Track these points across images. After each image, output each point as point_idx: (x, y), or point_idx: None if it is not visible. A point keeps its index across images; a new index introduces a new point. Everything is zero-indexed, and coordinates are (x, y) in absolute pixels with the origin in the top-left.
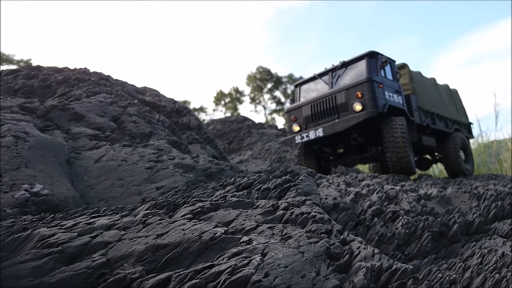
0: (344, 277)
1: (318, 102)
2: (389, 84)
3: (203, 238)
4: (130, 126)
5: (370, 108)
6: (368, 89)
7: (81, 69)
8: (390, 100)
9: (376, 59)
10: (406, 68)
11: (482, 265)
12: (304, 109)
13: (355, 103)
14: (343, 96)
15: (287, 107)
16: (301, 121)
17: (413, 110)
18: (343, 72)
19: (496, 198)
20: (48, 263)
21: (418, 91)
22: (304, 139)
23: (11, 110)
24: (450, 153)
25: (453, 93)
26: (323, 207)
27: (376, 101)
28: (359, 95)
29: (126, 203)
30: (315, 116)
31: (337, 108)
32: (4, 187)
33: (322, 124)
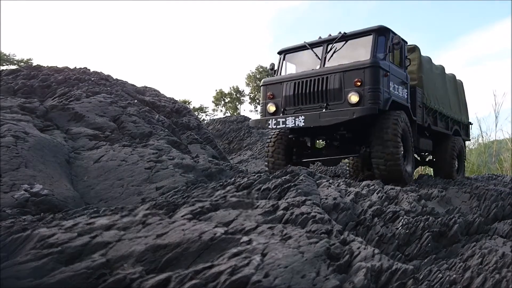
0: (344, 277)
1: (304, 81)
2: (396, 72)
3: (203, 238)
4: (130, 126)
5: (369, 102)
6: (370, 77)
7: (81, 69)
8: (394, 94)
9: (386, 38)
10: (417, 52)
11: (482, 265)
12: (285, 86)
13: (351, 93)
14: (336, 79)
15: (264, 79)
16: (279, 101)
17: (416, 108)
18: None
19: (496, 198)
20: (48, 264)
21: (425, 83)
22: (279, 125)
23: (11, 110)
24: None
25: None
26: (323, 207)
27: (378, 94)
28: (358, 83)
29: (126, 203)
30: (297, 98)
31: (327, 94)
32: (4, 187)
33: (305, 111)
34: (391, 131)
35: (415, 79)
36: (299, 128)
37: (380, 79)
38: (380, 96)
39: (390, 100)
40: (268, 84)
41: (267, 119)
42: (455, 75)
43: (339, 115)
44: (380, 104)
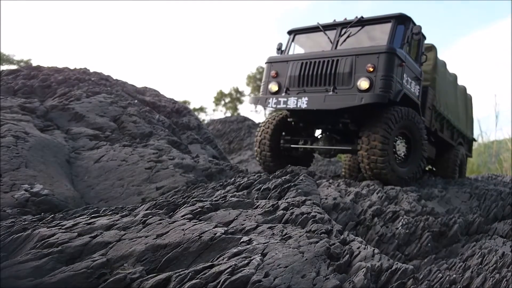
0: (344, 277)
1: (312, 62)
2: (411, 66)
3: (203, 238)
4: (130, 126)
5: (380, 90)
6: (385, 63)
7: (81, 69)
8: (407, 87)
9: (406, 27)
10: (433, 52)
11: (482, 265)
12: (291, 65)
13: (361, 78)
14: (348, 63)
15: (270, 57)
16: (282, 81)
17: (426, 108)
18: (356, 31)
19: (496, 198)
20: (48, 263)
21: (438, 86)
22: (279, 105)
23: (11, 110)
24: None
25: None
26: (323, 207)
27: (391, 83)
28: (370, 69)
29: (126, 203)
30: (303, 79)
31: (336, 77)
32: (4, 187)
33: (309, 92)
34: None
35: (428, 79)
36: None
37: (394, 68)
38: (392, 85)
39: (401, 92)
40: (273, 62)
41: (267, 97)
42: (466, 88)
43: (346, 100)
44: (391, 94)
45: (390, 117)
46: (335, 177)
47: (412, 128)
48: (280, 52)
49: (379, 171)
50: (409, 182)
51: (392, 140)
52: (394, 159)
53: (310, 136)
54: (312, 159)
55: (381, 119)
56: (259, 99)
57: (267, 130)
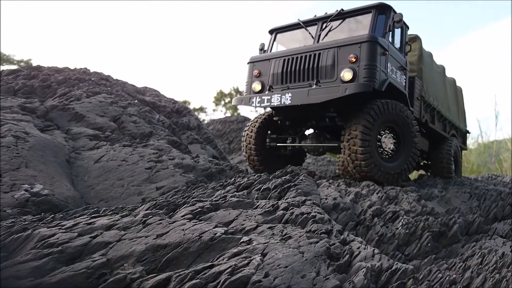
0: (344, 277)
1: (294, 58)
2: (396, 55)
3: (203, 238)
4: (130, 126)
5: (364, 79)
6: (367, 52)
7: (81, 69)
8: (392, 77)
9: (387, 16)
10: (418, 42)
11: (482, 265)
12: (273, 63)
13: (344, 69)
14: (330, 56)
15: (252, 56)
16: (265, 79)
17: (414, 99)
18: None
19: (496, 198)
20: (48, 263)
21: (425, 76)
22: (263, 103)
23: (11, 110)
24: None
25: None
26: (323, 207)
27: (374, 72)
28: (353, 59)
29: (126, 203)
30: (286, 76)
31: (319, 70)
32: (4, 187)
33: (293, 89)
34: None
35: (414, 70)
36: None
37: (377, 56)
38: (376, 74)
39: (387, 81)
40: (255, 61)
41: (250, 97)
42: (455, 80)
43: (330, 92)
44: (375, 83)
45: (371, 110)
46: (335, 177)
47: (399, 121)
48: (263, 52)
49: (360, 166)
50: (397, 178)
51: (375, 134)
52: (378, 154)
53: (297, 134)
54: (304, 158)
55: (363, 112)
56: (242, 99)
57: (252, 129)
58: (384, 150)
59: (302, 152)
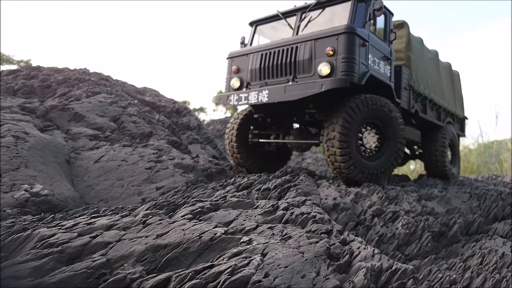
0: (344, 277)
1: (272, 52)
2: (378, 45)
3: (203, 238)
4: (130, 126)
5: (342, 73)
6: (345, 45)
7: (81, 69)
8: (374, 69)
9: (367, 4)
10: (405, 29)
11: (482, 265)
12: (251, 58)
13: (321, 63)
14: (307, 49)
15: (231, 51)
16: (244, 75)
17: (401, 89)
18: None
19: (496, 198)
20: (48, 263)
21: (414, 64)
22: (241, 101)
23: (11, 110)
24: (436, 150)
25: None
26: (323, 207)
27: (353, 65)
28: (330, 52)
29: (126, 203)
30: (264, 71)
31: (296, 65)
32: (4, 187)
33: (271, 85)
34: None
35: (402, 58)
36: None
37: (356, 48)
38: (354, 68)
39: (367, 74)
40: (234, 56)
41: (228, 95)
42: (450, 64)
43: (306, 89)
44: (354, 77)
45: (351, 106)
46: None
47: (383, 117)
48: (244, 46)
49: (340, 168)
50: (380, 177)
51: (354, 132)
52: (359, 153)
53: (280, 129)
54: (290, 155)
55: (341, 111)
56: (221, 97)
57: (234, 126)
58: (367, 149)
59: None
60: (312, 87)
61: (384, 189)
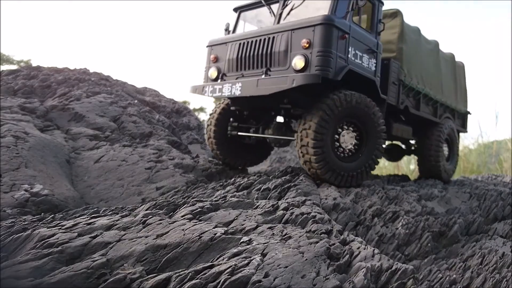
0: (344, 277)
1: (249, 42)
2: (362, 37)
3: (203, 238)
4: (130, 126)
5: (316, 68)
6: (320, 37)
7: (81, 69)
8: (355, 63)
9: None
10: (399, 18)
11: (482, 265)
12: (229, 47)
13: (296, 56)
14: (283, 40)
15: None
16: (222, 65)
17: (389, 84)
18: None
19: (496, 198)
20: (48, 263)
21: (407, 56)
22: (215, 93)
23: (11, 110)
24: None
25: (457, 68)
26: (323, 207)
27: (329, 59)
28: (305, 45)
29: (126, 203)
30: (240, 62)
31: (271, 57)
32: (4, 187)
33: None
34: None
35: (393, 50)
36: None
37: (332, 41)
38: (330, 62)
39: (345, 68)
40: (213, 45)
41: (204, 86)
42: (453, 55)
43: (277, 83)
44: (329, 72)
45: (328, 104)
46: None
47: (362, 115)
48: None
49: (310, 162)
50: (358, 179)
51: (330, 131)
52: (334, 153)
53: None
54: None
55: (317, 107)
56: (197, 87)
57: (212, 121)
58: (344, 149)
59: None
60: (283, 82)
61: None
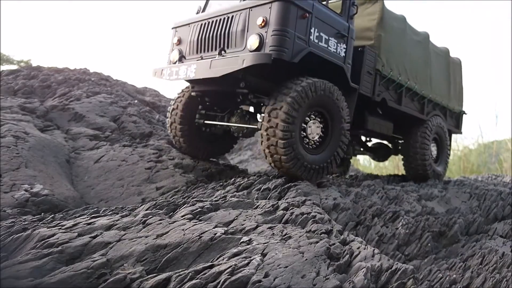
0: (344, 277)
1: (210, 23)
2: (329, 19)
3: (203, 238)
4: (130, 126)
5: (271, 47)
6: (277, 15)
7: (81, 69)
8: (319, 46)
9: None
10: (379, 4)
11: (482, 265)
12: (192, 29)
13: (251, 36)
14: (241, 19)
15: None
16: (184, 47)
17: (362, 73)
18: None
19: (496, 198)
20: (48, 263)
21: (387, 45)
22: (172, 76)
23: (11, 110)
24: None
25: (452, 64)
26: (323, 207)
27: (284, 39)
28: (262, 23)
29: (126, 203)
30: (200, 43)
31: (229, 38)
32: (4, 187)
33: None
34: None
35: (371, 37)
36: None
37: (289, 19)
38: (286, 42)
39: (305, 51)
40: (177, 26)
41: (162, 69)
42: (448, 50)
43: (230, 64)
44: (284, 53)
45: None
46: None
47: (330, 106)
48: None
49: (281, 161)
50: (322, 172)
51: (300, 120)
52: (301, 144)
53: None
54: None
55: (287, 92)
56: (156, 70)
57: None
58: (310, 140)
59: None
60: (235, 62)
61: (383, 189)
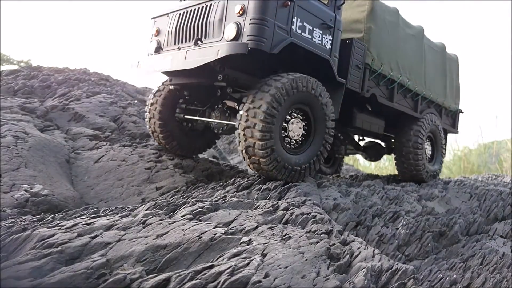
0: (344, 277)
1: (188, 12)
2: (313, 8)
3: (203, 238)
4: (130, 126)
5: (248, 37)
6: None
7: (81, 69)
8: (301, 37)
9: None
10: None
11: (482, 265)
12: (170, 19)
13: (228, 25)
14: (220, 8)
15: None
16: (162, 38)
17: (350, 67)
18: None
19: (496, 198)
20: (48, 264)
21: (378, 38)
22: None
23: (11, 110)
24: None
25: (448, 60)
26: (323, 207)
27: (263, 28)
28: (240, 11)
29: (126, 203)
30: (178, 34)
31: (206, 27)
32: (4, 187)
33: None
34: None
35: (360, 30)
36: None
37: (269, 7)
38: (265, 32)
39: (286, 41)
40: (156, 16)
41: (139, 60)
42: (444, 45)
43: (204, 55)
44: (263, 43)
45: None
46: (335, 177)
47: (312, 103)
48: None
49: (259, 163)
50: (304, 174)
51: (280, 118)
52: (282, 144)
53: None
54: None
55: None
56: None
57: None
58: (291, 140)
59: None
60: (210, 53)
61: (384, 189)
